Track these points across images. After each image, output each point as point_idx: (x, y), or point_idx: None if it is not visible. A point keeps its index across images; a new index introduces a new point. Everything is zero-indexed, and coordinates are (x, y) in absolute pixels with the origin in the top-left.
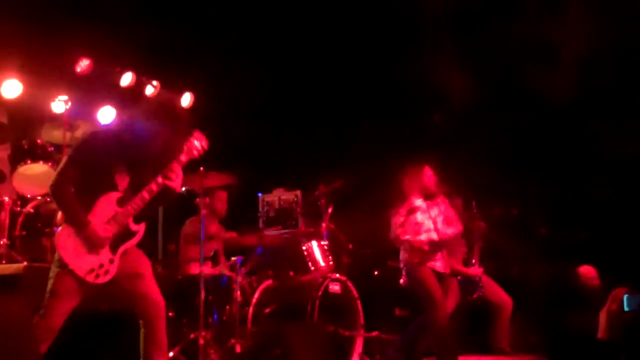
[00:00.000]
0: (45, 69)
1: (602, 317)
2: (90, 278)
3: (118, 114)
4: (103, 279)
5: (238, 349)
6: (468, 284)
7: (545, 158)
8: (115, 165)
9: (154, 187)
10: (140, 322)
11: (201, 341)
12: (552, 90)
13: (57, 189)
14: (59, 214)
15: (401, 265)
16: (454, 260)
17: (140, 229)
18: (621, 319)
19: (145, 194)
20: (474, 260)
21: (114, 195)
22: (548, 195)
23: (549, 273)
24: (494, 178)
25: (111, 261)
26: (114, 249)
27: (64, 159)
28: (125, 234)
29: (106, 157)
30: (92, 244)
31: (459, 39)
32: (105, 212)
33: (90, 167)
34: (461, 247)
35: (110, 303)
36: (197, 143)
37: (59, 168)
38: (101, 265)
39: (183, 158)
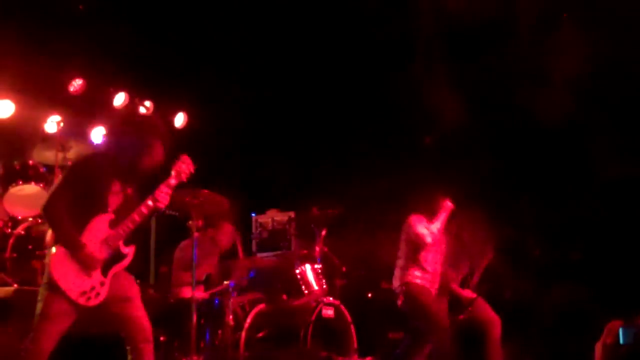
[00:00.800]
0: (38, 89)
1: (598, 350)
2: (82, 301)
3: (105, 134)
4: (94, 302)
5: None
6: (457, 304)
7: (539, 179)
8: (110, 186)
9: (144, 209)
10: (127, 348)
11: None
12: (545, 112)
13: (51, 210)
14: (49, 235)
15: (396, 285)
16: (452, 279)
17: (130, 251)
18: (617, 353)
19: (135, 217)
20: (471, 284)
21: (106, 218)
22: (541, 216)
23: (541, 295)
24: (487, 199)
25: (102, 284)
26: (104, 271)
27: (59, 180)
28: (115, 257)
29: (101, 179)
30: (85, 266)
31: (453, 60)
32: (97, 234)
33: (84, 189)
34: (464, 267)
35: (98, 327)
36: (185, 167)
37: (52, 189)
38: (92, 288)
39: (172, 182)
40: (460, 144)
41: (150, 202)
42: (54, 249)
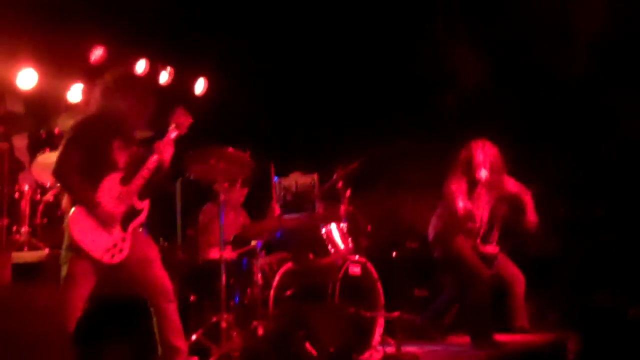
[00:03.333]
0: (61, 58)
1: None
2: (106, 259)
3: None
4: (119, 258)
5: (260, 331)
6: (482, 261)
7: (562, 135)
8: (112, 143)
9: (150, 165)
10: (151, 309)
11: (223, 324)
12: (568, 68)
13: (61, 172)
14: (65, 199)
15: (433, 235)
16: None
17: (145, 206)
18: None
19: (144, 172)
20: (492, 239)
21: (117, 175)
22: (565, 173)
23: (567, 251)
24: (510, 156)
25: (123, 239)
26: (124, 227)
27: (63, 143)
28: (131, 213)
29: (103, 136)
30: (104, 223)
31: (471, 17)
32: (111, 192)
33: (90, 148)
34: (483, 224)
35: (122, 290)
36: (183, 118)
37: (59, 153)
38: (115, 245)
39: (172, 134)
40: (482, 103)
41: (155, 156)
42: (71, 212)
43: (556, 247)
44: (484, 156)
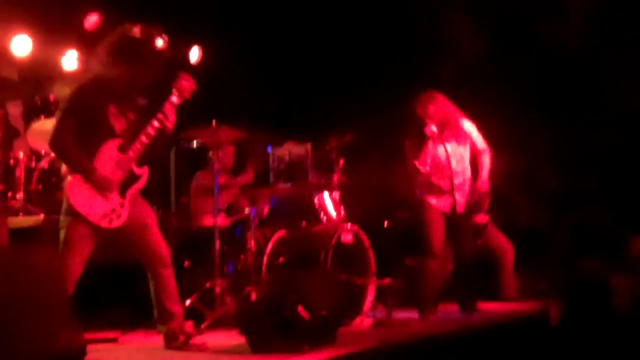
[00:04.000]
0: (55, 25)
1: None
2: (104, 223)
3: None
4: (117, 223)
5: (253, 296)
6: (473, 230)
7: (554, 108)
8: (107, 109)
9: (150, 130)
10: (148, 274)
11: (217, 290)
12: (561, 39)
13: (57, 142)
14: (63, 167)
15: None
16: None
17: (144, 172)
18: None
19: (144, 138)
20: (482, 209)
21: (115, 142)
22: (557, 145)
23: (558, 221)
24: (502, 129)
25: (122, 205)
26: (122, 193)
27: (59, 112)
28: (130, 179)
29: (97, 103)
30: (101, 189)
31: None
32: (108, 159)
33: (85, 115)
34: (472, 193)
35: (118, 255)
36: (186, 84)
37: (55, 122)
38: (113, 210)
39: (175, 99)
40: (476, 74)
41: (156, 123)
42: (69, 178)
43: (546, 217)
44: (433, 109)
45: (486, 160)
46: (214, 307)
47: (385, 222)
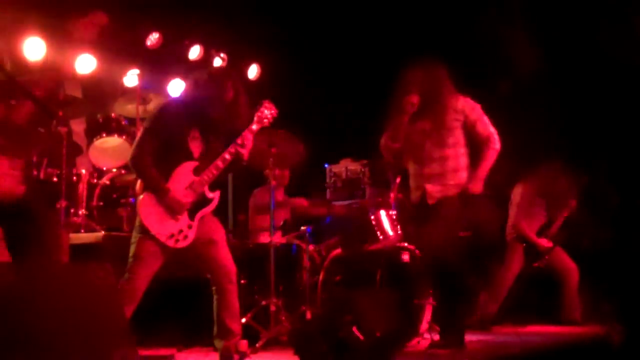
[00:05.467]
0: (117, 44)
1: None
2: (170, 243)
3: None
4: (182, 244)
5: (308, 315)
6: (534, 252)
7: (617, 126)
8: (189, 133)
9: (227, 156)
10: (213, 288)
11: (272, 307)
12: (625, 53)
13: (137, 160)
14: (138, 184)
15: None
16: (529, 226)
17: (215, 196)
18: None
19: (219, 163)
20: (549, 234)
21: (191, 165)
22: (620, 164)
23: (621, 242)
24: (564, 146)
25: (189, 227)
26: (192, 215)
27: (141, 131)
28: (201, 202)
29: (179, 126)
30: (172, 211)
31: (528, 4)
32: (182, 180)
33: (166, 137)
34: (540, 214)
35: (186, 269)
36: (268, 112)
37: (136, 140)
38: (180, 231)
39: (254, 127)
40: (536, 91)
41: (233, 149)
42: (141, 196)
43: (610, 239)
44: (421, 77)
45: (489, 152)
46: (269, 325)
47: None
